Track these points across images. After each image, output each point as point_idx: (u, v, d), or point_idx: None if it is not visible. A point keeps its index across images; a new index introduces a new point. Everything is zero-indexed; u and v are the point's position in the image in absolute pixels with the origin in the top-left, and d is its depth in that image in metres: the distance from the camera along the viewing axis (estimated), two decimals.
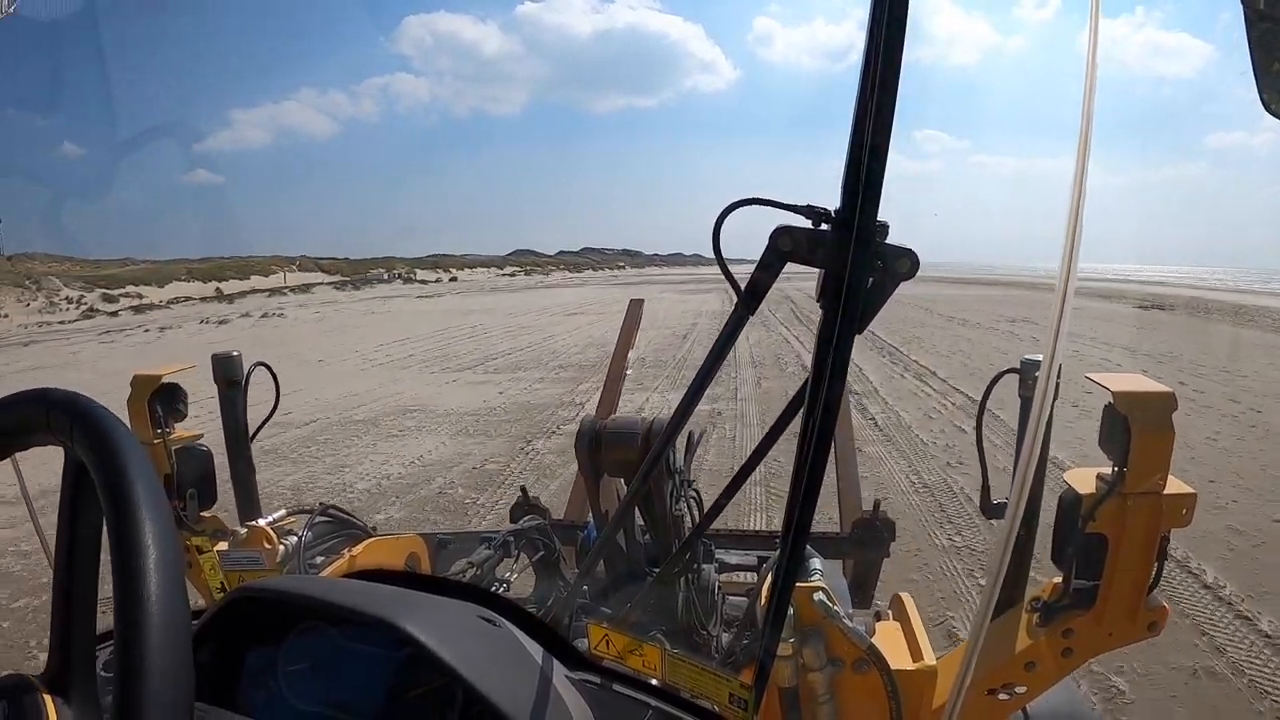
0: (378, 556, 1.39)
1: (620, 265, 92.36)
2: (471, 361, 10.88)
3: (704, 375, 0.73)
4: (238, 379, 1.47)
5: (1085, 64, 0.49)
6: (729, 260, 0.69)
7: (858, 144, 0.52)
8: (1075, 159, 0.49)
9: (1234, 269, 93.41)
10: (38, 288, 27.41)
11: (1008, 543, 0.50)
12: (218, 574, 1.30)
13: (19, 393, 0.51)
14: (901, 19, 0.49)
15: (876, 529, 1.78)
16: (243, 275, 40.09)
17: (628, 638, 0.84)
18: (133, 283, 32.52)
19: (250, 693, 0.70)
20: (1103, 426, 0.93)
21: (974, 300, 22.42)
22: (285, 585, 0.79)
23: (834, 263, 0.57)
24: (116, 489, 0.43)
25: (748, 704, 0.76)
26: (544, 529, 1.56)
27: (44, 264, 33.68)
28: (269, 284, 40.15)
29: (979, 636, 0.52)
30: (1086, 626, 0.95)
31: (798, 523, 0.62)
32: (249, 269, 41.61)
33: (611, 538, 1.07)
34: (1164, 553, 0.91)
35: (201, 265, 40.57)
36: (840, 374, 0.57)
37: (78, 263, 38.00)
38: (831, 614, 0.91)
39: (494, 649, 0.70)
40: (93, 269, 36.89)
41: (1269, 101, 0.68)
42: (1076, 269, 0.49)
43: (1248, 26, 0.66)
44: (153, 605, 0.40)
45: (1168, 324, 15.05)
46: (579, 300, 26.26)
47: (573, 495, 2.20)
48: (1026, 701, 0.99)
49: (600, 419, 1.18)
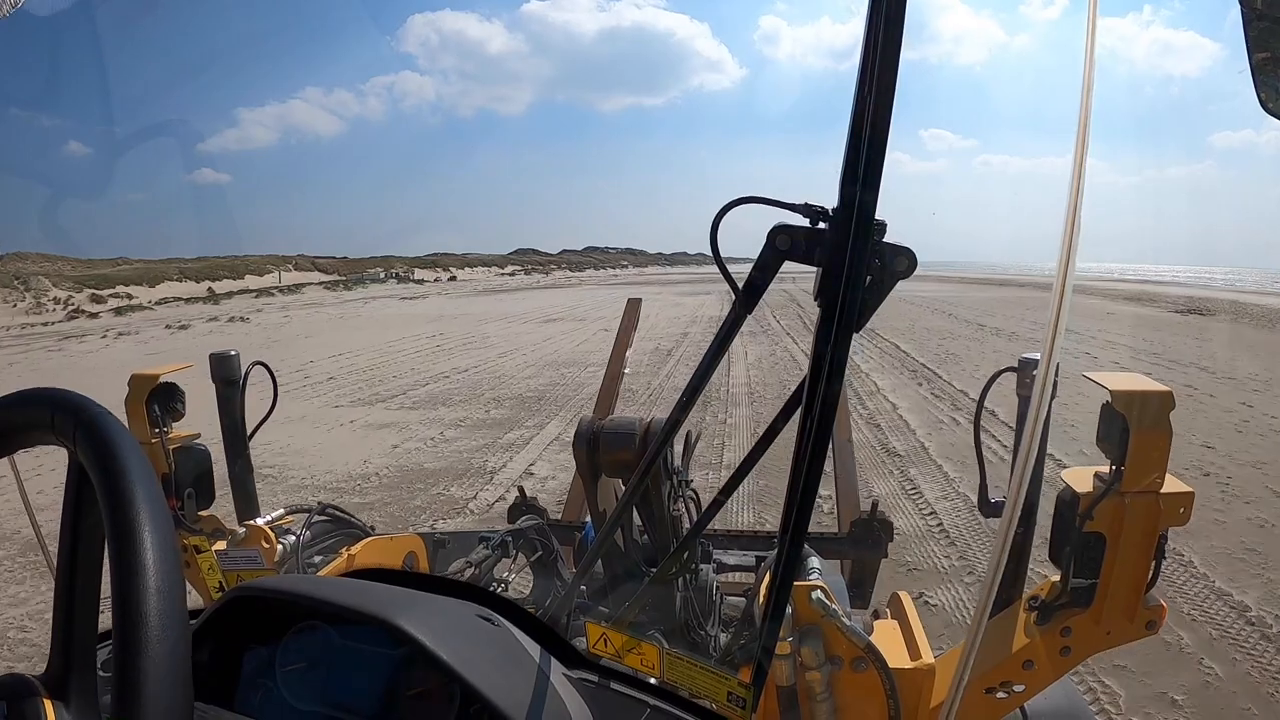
0: (376, 556, 1.39)
1: (623, 264, 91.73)
2: (397, 388, 8.94)
3: (701, 375, 0.73)
4: (235, 378, 1.47)
5: (1084, 65, 0.49)
6: (727, 259, 0.69)
7: (855, 143, 0.52)
8: (1073, 159, 0.50)
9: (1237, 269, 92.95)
10: (25, 288, 26.98)
11: (1005, 541, 0.51)
12: (216, 573, 1.30)
13: (24, 391, 0.51)
14: (899, 19, 0.49)
15: (874, 529, 1.78)
16: (237, 275, 39.66)
17: (626, 637, 0.84)
18: (124, 283, 32.18)
19: (249, 692, 0.70)
20: (1100, 425, 0.93)
21: (998, 303, 20.73)
22: (283, 585, 0.79)
23: (831, 261, 0.57)
24: (115, 490, 0.43)
25: (746, 702, 0.76)
26: (542, 529, 1.56)
27: (37, 263, 33.37)
28: (263, 283, 39.79)
29: (977, 635, 0.52)
30: (1084, 625, 0.95)
31: (795, 522, 0.63)
32: (244, 269, 41.17)
33: (609, 537, 1.07)
34: (1162, 551, 0.92)
35: (196, 265, 40.18)
36: (838, 373, 0.57)
37: (70, 262, 37.56)
38: (829, 612, 0.91)
39: (492, 648, 0.70)
40: (85, 268, 36.47)
41: (1266, 100, 0.68)
42: (1074, 268, 0.49)
43: (1245, 25, 0.66)
44: (151, 605, 0.40)
45: (1221, 332, 13.11)
46: (565, 304, 24.38)
47: (570, 495, 2.20)
48: (1024, 700, 0.99)
49: (598, 419, 1.18)
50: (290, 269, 47.58)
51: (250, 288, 37.52)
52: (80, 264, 38.61)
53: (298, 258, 51.62)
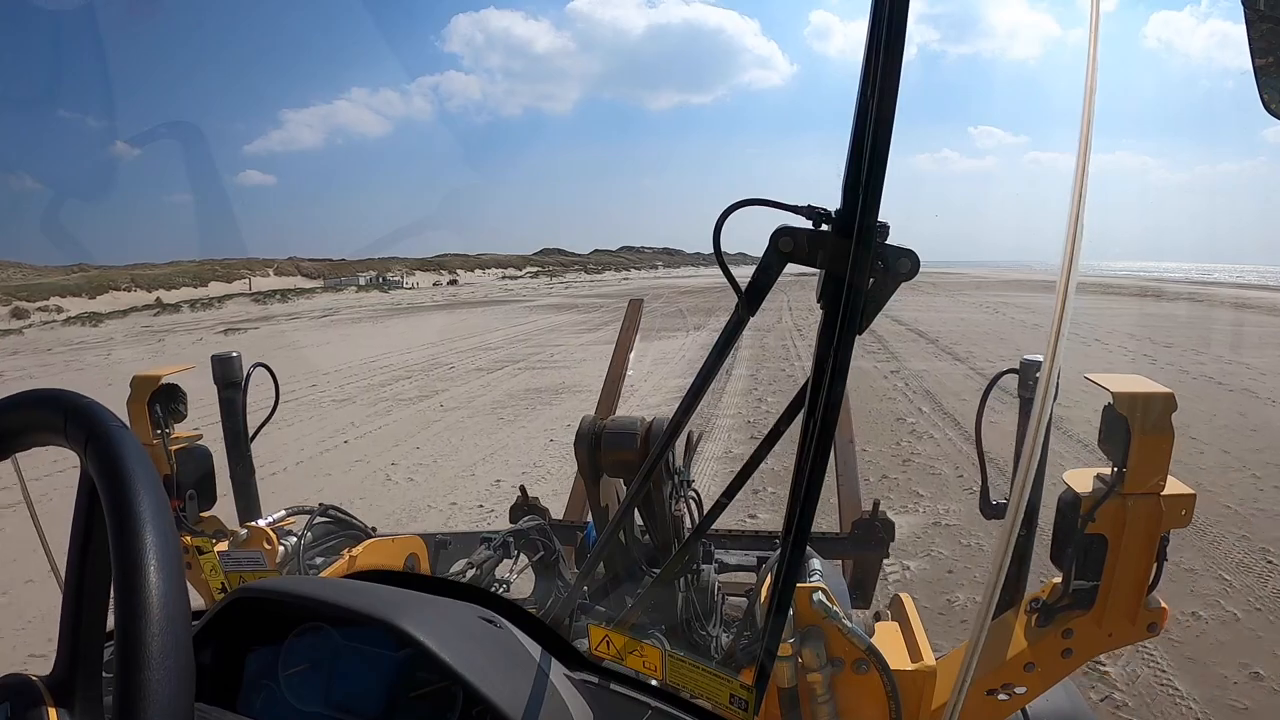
0: (378, 557, 1.39)
1: (656, 265, 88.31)
2: None
3: (704, 376, 0.74)
4: (237, 380, 1.47)
5: (1086, 64, 0.49)
6: (727, 257, 0.69)
7: (858, 145, 0.52)
8: (1076, 159, 0.49)
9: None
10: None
11: (1008, 543, 0.50)
12: (218, 575, 1.30)
13: (33, 391, 0.51)
14: (902, 20, 0.49)
15: (876, 529, 1.78)
16: (201, 281, 37.40)
17: (627, 638, 0.84)
18: (60, 294, 29.76)
19: (251, 693, 0.70)
20: (1102, 427, 0.93)
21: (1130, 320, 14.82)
22: (285, 586, 0.79)
23: (834, 264, 0.57)
24: (120, 499, 0.43)
25: (747, 704, 0.76)
26: (544, 529, 1.56)
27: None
28: (232, 289, 37.19)
29: (978, 637, 0.52)
30: (1086, 627, 0.95)
31: (798, 523, 0.63)
32: (209, 275, 38.78)
33: (611, 538, 1.06)
34: (1164, 553, 0.91)
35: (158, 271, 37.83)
36: (840, 375, 0.57)
37: (23, 269, 35.65)
38: (831, 614, 0.91)
39: (494, 649, 0.70)
40: (35, 276, 34.55)
41: (1269, 101, 0.68)
42: (1078, 268, 0.49)
43: (1248, 26, 0.66)
44: (153, 606, 0.40)
45: None
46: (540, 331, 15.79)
47: (572, 496, 2.20)
48: (1026, 702, 0.99)
49: (600, 419, 1.18)
50: (269, 274, 44.97)
51: (212, 295, 34.58)
52: (32, 271, 36.77)
53: (278, 262, 49.14)
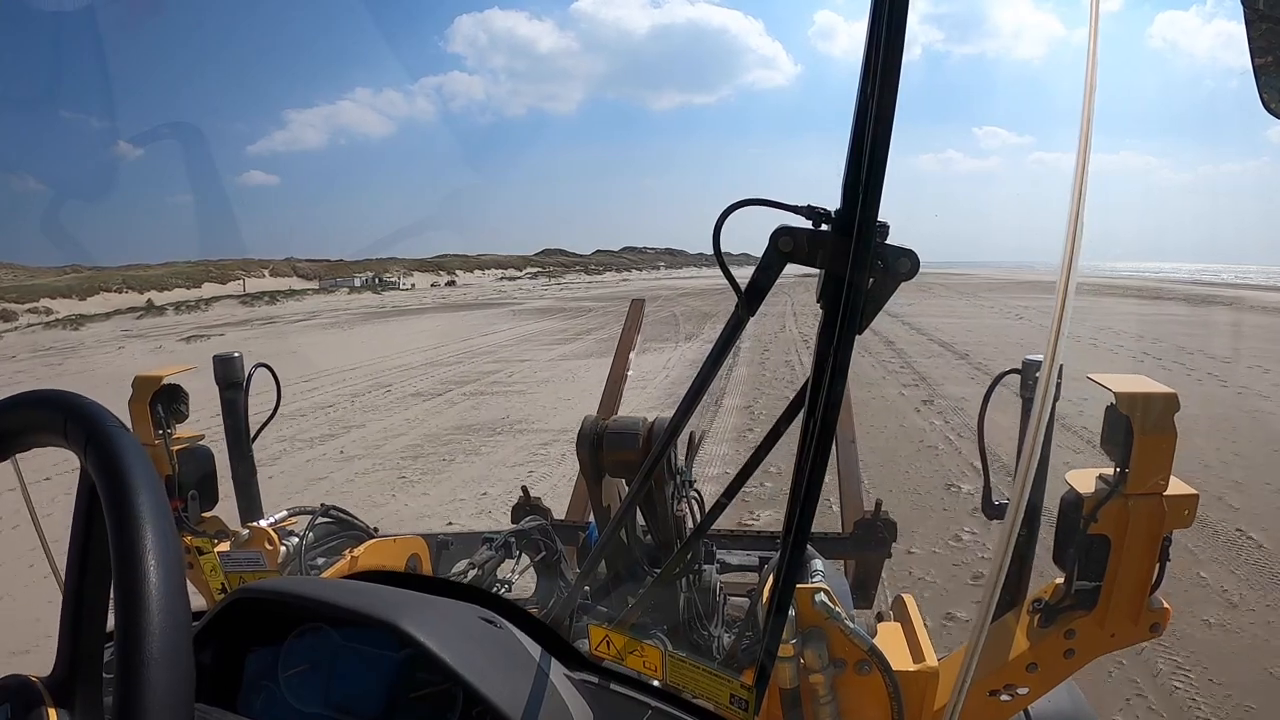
0: (379, 557, 1.39)
1: (658, 265, 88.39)
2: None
3: (704, 376, 0.74)
4: (239, 380, 1.47)
5: (1086, 63, 0.49)
6: (729, 258, 0.69)
7: (858, 144, 0.52)
8: (1076, 160, 0.49)
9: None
10: None
11: (1009, 543, 0.50)
12: (219, 575, 1.30)
13: (33, 392, 0.51)
14: (901, 19, 0.49)
15: (878, 529, 1.78)
16: (195, 282, 37.04)
17: (628, 638, 0.84)
18: (52, 295, 29.47)
19: (251, 694, 0.70)
20: (1105, 427, 0.93)
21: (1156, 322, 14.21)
22: (286, 586, 0.79)
23: (834, 264, 0.57)
24: (121, 501, 0.43)
25: (748, 705, 0.76)
26: (545, 529, 1.56)
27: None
28: (225, 291, 36.71)
29: (980, 637, 0.52)
30: (1088, 627, 0.95)
31: (799, 523, 0.62)
32: (202, 277, 38.44)
33: (613, 538, 1.06)
34: (1166, 554, 0.91)
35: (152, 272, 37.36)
36: (841, 374, 0.57)
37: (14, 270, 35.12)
38: (833, 615, 0.91)
39: (495, 650, 0.70)
40: (28, 278, 34.23)
41: (1269, 101, 0.68)
42: (1077, 268, 0.49)
43: (1247, 26, 0.66)
44: (153, 606, 0.40)
45: None
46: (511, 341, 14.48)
47: (574, 496, 2.20)
48: (1028, 703, 0.99)
49: (601, 419, 1.18)
50: (265, 275, 44.95)
51: (204, 297, 34.20)
52: (24, 272, 36.35)
53: (278, 262, 49.15)
